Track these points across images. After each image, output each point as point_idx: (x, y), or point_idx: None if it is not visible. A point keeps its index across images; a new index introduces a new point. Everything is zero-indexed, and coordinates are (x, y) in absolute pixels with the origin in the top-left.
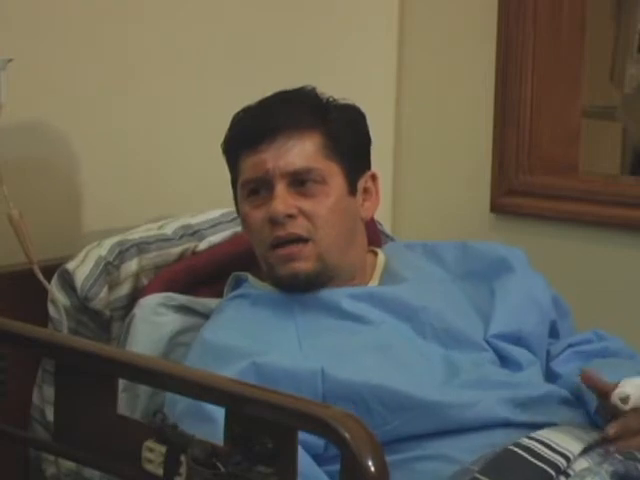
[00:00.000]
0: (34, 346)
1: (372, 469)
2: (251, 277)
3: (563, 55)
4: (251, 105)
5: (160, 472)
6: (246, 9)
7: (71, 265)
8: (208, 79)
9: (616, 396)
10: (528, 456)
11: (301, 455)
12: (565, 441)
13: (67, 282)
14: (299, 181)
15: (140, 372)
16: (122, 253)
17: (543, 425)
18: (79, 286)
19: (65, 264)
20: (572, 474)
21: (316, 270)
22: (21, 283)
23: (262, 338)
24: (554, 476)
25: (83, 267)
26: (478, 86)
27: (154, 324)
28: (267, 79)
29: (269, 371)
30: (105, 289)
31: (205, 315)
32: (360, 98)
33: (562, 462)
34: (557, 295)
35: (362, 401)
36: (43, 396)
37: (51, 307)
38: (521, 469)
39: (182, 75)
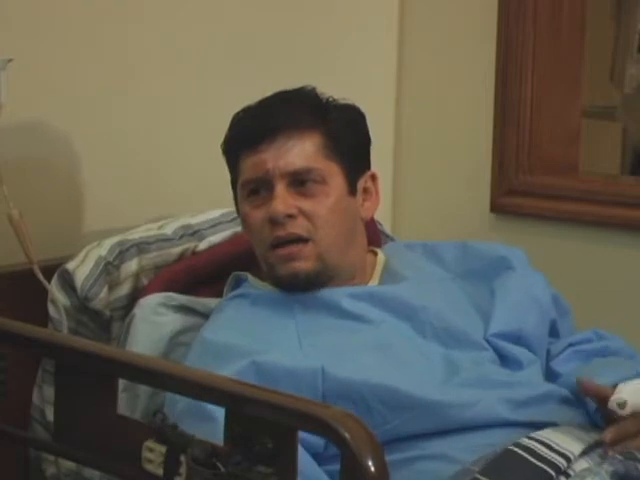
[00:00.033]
0: (34, 346)
1: (372, 469)
2: (251, 277)
3: (563, 55)
4: (251, 105)
5: (160, 472)
6: (246, 9)
7: (71, 265)
8: (208, 79)
9: (614, 402)
10: (528, 456)
11: (301, 454)
12: (565, 441)
13: (67, 282)
14: (299, 181)
15: (140, 372)
16: (122, 253)
17: (543, 424)
18: (79, 286)
19: (65, 264)
20: (572, 474)
21: (316, 270)
22: (21, 283)
23: (262, 337)
24: (554, 476)
25: (83, 267)
26: (478, 86)
27: (154, 324)
28: (267, 79)
29: (269, 370)
30: (105, 289)
31: (205, 315)
32: (360, 98)
33: (562, 462)
34: (557, 294)
35: (362, 400)
36: (43, 396)
37: (51, 307)
38: (521, 469)
39: (182, 75)
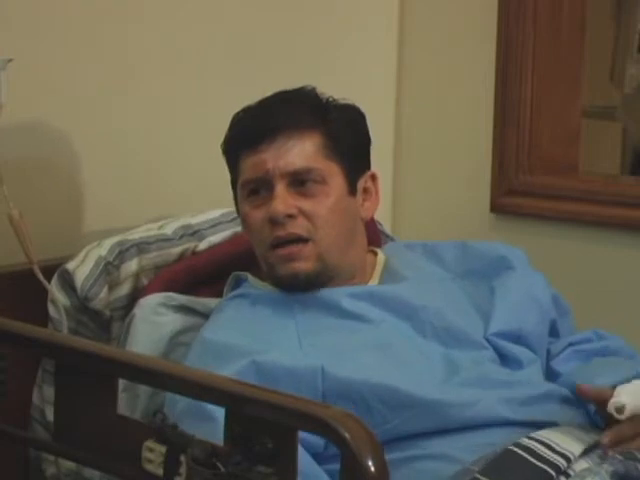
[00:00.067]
0: (34, 346)
1: (372, 469)
2: (251, 277)
3: (563, 55)
4: (251, 105)
5: (160, 472)
6: (246, 9)
7: (71, 265)
8: (208, 79)
9: (612, 406)
10: (528, 456)
11: (301, 454)
12: (565, 442)
13: (67, 282)
14: (299, 181)
15: (140, 372)
16: (122, 253)
17: (543, 424)
18: (79, 286)
19: (65, 264)
20: (572, 474)
21: (316, 270)
22: (21, 283)
23: (262, 337)
24: (554, 476)
25: (83, 267)
26: (478, 86)
27: (154, 324)
28: (267, 79)
29: (269, 369)
30: (105, 289)
31: (205, 315)
32: (360, 98)
33: (562, 463)
34: (557, 294)
35: (362, 399)
36: (43, 396)
37: (51, 307)
38: (521, 469)
39: (182, 75)
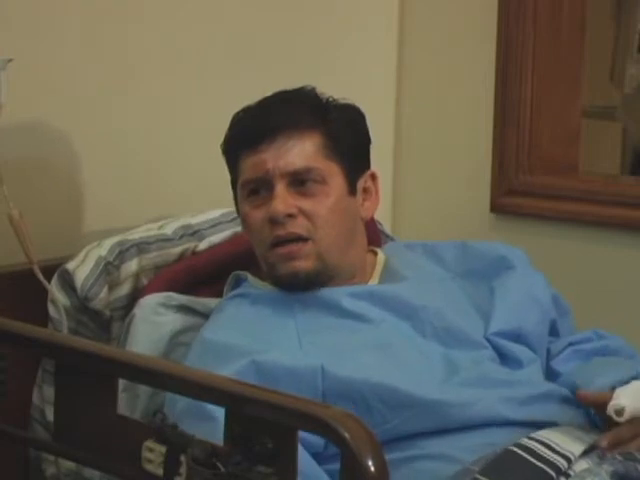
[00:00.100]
0: (34, 346)
1: (372, 469)
2: (251, 276)
3: (563, 55)
4: (251, 105)
5: (160, 472)
6: (246, 9)
7: (71, 265)
8: (208, 79)
9: (611, 409)
10: (528, 457)
11: (301, 453)
12: (565, 442)
13: (67, 282)
14: (299, 181)
15: (140, 372)
16: (122, 253)
17: (543, 424)
18: (79, 286)
19: (65, 264)
20: (572, 474)
21: (316, 269)
22: (21, 283)
23: (262, 337)
24: (554, 477)
25: (83, 267)
26: (478, 86)
27: (154, 324)
28: (267, 79)
29: (269, 369)
30: (105, 289)
31: (205, 315)
32: (360, 98)
33: (563, 463)
34: (557, 294)
35: (362, 399)
36: (43, 396)
37: (51, 307)
38: (521, 470)
39: (182, 75)
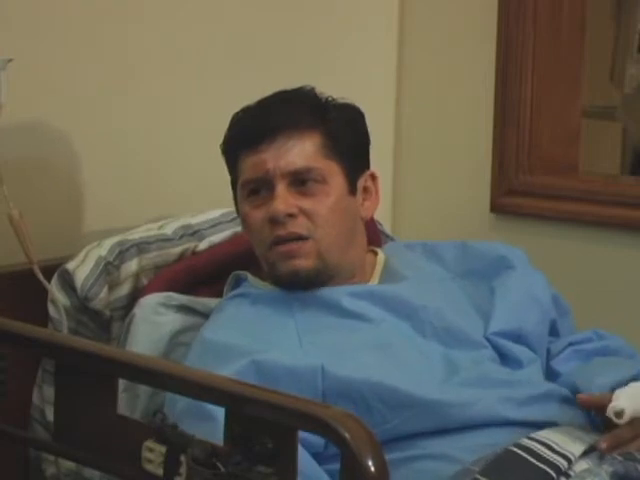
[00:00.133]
0: (34, 346)
1: (372, 469)
2: (251, 276)
3: (563, 55)
4: (250, 105)
5: (160, 472)
6: (246, 9)
7: (71, 265)
8: (208, 79)
9: (611, 410)
10: (529, 457)
11: (301, 453)
12: (566, 442)
13: (67, 282)
14: (299, 181)
15: (140, 372)
16: (122, 253)
17: (543, 424)
18: (79, 286)
19: (65, 264)
20: (572, 475)
21: (316, 268)
22: (21, 283)
23: (262, 336)
24: (555, 477)
25: (83, 267)
26: (478, 86)
27: (154, 324)
28: (267, 79)
29: (269, 369)
30: (105, 289)
31: (205, 315)
32: (360, 98)
33: (563, 463)
34: (557, 294)
35: (362, 399)
36: (43, 396)
37: (51, 307)
38: (522, 470)
39: (182, 75)
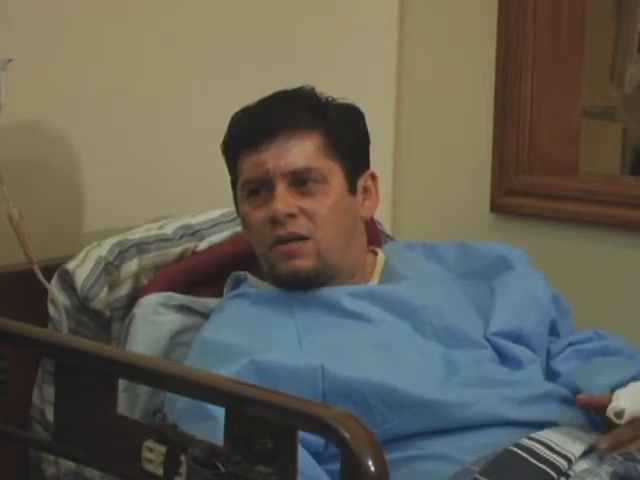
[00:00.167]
0: (34, 346)
1: (372, 469)
2: (251, 276)
3: (563, 55)
4: (250, 105)
5: (160, 472)
6: (246, 9)
7: (71, 265)
8: (208, 79)
9: (611, 411)
10: (529, 457)
11: (301, 453)
12: (566, 442)
13: (67, 282)
14: (300, 181)
15: (140, 372)
16: (122, 253)
17: (543, 424)
18: (79, 286)
19: (65, 264)
20: (572, 475)
21: (316, 268)
22: (21, 283)
23: (262, 336)
24: (555, 477)
25: (83, 267)
26: (478, 86)
27: (154, 324)
28: (267, 79)
29: (269, 369)
30: (105, 289)
31: (205, 315)
32: (360, 98)
33: (563, 463)
34: (557, 294)
35: (362, 399)
36: (43, 396)
37: (51, 307)
38: (522, 470)
39: (182, 75)
